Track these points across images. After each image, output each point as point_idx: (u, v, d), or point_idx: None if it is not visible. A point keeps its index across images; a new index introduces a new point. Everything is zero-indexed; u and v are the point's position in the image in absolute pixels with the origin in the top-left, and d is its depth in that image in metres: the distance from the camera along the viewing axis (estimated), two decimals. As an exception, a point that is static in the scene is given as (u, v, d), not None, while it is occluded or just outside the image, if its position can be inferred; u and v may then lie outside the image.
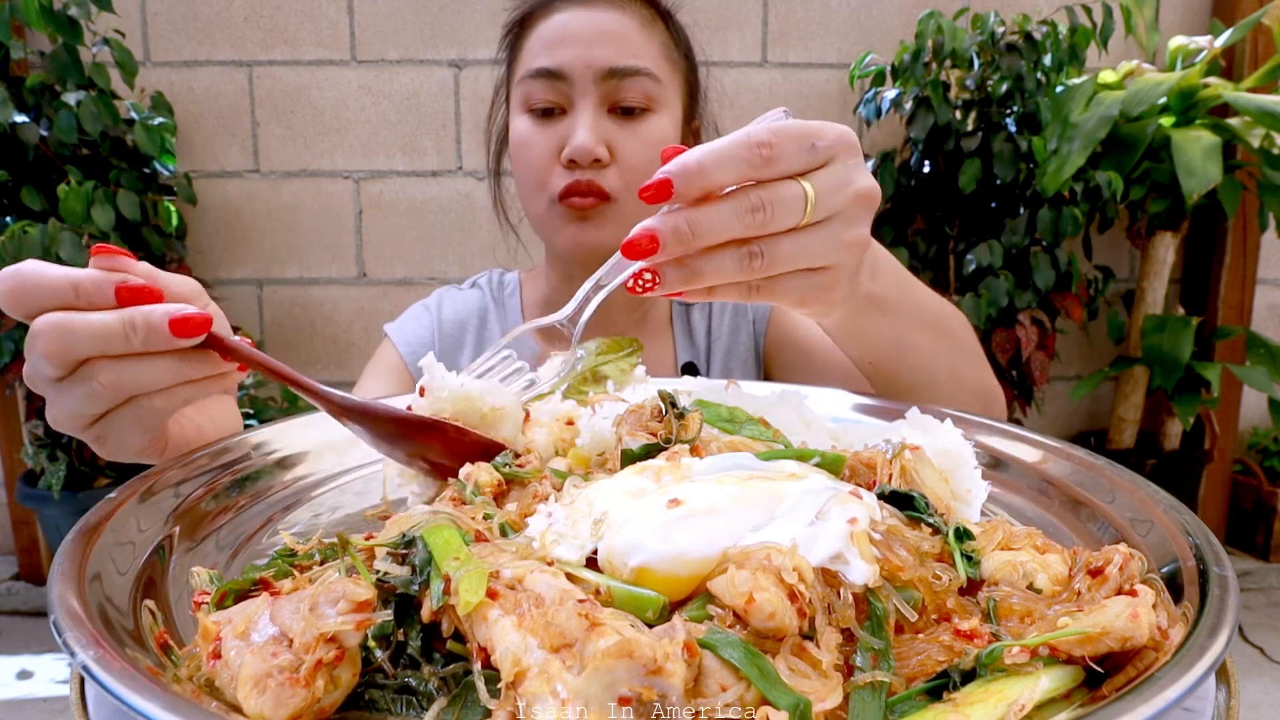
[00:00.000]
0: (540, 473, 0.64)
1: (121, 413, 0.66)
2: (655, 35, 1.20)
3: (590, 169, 1.15)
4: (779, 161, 0.62)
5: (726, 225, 0.61)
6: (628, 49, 1.16)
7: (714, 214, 0.61)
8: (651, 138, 1.18)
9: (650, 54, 1.18)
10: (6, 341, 2.87)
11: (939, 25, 2.96)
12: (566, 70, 1.14)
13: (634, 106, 1.17)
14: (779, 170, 0.62)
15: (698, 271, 0.63)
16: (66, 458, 3.04)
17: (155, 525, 0.58)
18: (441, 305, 1.39)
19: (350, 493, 0.75)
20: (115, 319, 0.61)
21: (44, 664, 2.97)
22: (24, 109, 2.81)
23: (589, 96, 1.15)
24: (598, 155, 1.13)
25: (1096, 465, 0.68)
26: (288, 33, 3.28)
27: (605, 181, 1.15)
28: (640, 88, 1.16)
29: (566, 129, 1.16)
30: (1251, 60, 3.35)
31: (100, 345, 0.61)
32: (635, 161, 1.16)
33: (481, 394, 0.72)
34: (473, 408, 0.71)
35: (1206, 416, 3.53)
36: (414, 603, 0.44)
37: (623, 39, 1.16)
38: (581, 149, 1.13)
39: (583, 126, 1.14)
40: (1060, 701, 0.42)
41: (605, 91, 1.15)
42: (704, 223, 0.61)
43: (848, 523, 0.47)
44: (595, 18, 1.16)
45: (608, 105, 1.16)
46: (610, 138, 1.16)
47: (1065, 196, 3.07)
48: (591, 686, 0.36)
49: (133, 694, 0.36)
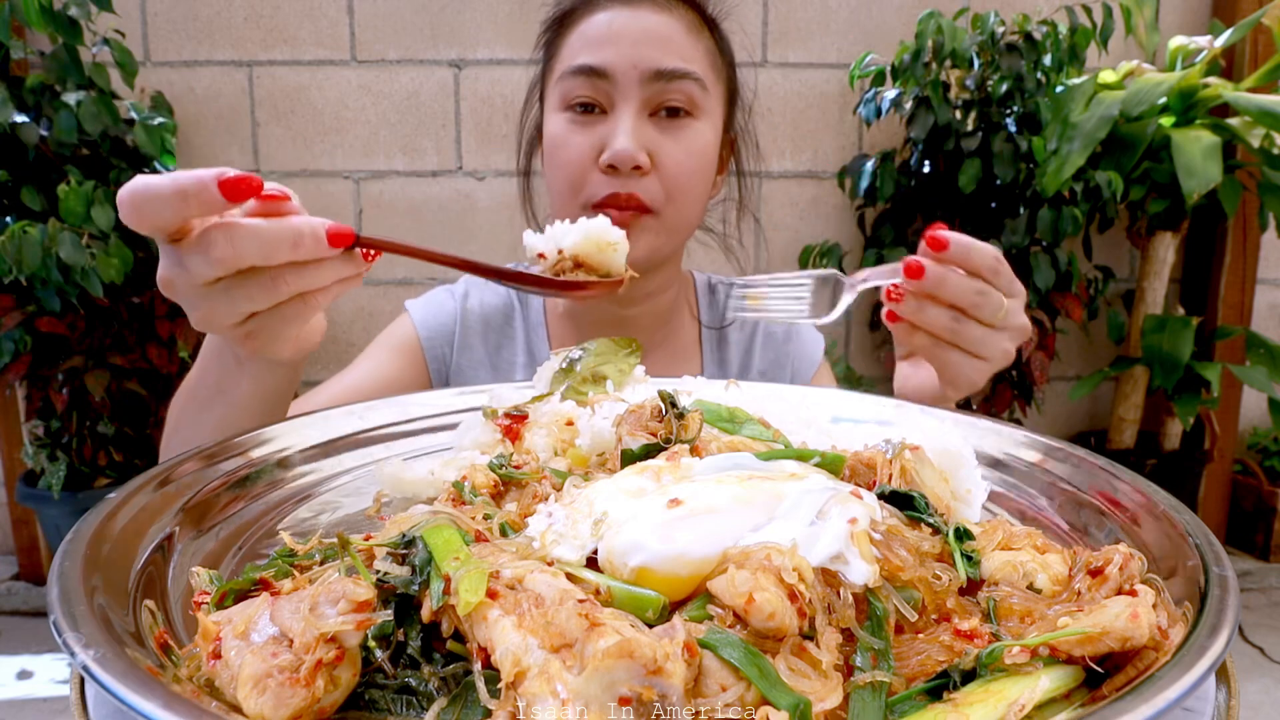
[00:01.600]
0: (539, 474, 0.64)
1: (282, 310, 0.74)
2: (701, 41, 1.17)
3: (630, 176, 1.11)
4: (1000, 278, 0.88)
5: (963, 293, 0.87)
6: (674, 51, 1.12)
7: (960, 280, 0.87)
8: (693, 145, 1.15)
9: (697, 59, 1.15)
10: (6, 341, 2.87)
11: (939, 25, 2.96)
12: (611, 69, 1.10)
13: (678, 108, 1.13)
14: (998, 283, 0.88)
15: (923, 309, 0.89)
16: (66, 458, 3.04)
17: (155, 525, 0.58)
18: (468, 295, 1.35)
19: (350, 493, 0.74)
20: (284, 229, 0.69)
21: (44, 664, 2.97)
22: (24, 109, 2.81)
23: (631, 99, 1.11)
24: (639, 162, 1.10)
25: (1096, 465, 0.68)
26: (288, 33, 3.28)
27: (645, 192, 1.12)
28: (686, 91, 1.13)
29: (606, 131, 1.12)
30: (1251, 60, 3.35)
31: (268, 252, 0.69)
32: (675, 169, 1.13)
33: (594, 230, 0.85)
34: (591, 242, 0.84)
35: (1206, 416, 3.53)
36: (414, 603, 0.44)
37: (670, 41, 1.12)
38: (623, 154, 1.09)
39: (624, 131, 1.10)
40: (1060, 701, 0.42)
41: (649, 94, 1.12)
42: (953, 281, 0.87)
43: (848, 523, 0.47)
44: (642, 18, 1.12)
45: (650, 109, 1.13)
46: (651, 144, 1.12)
47: (1065, 196, 3.07)
48: (591, 686, 0.36)
49: (133, 694, 0.36)
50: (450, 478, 0.67)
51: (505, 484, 0.63)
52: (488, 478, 0.63)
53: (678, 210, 1.16)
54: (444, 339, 1.30)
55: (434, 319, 1.31)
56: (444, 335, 1.30)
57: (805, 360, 1.39)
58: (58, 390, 2.96)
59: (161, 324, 3.03)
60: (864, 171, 3.27)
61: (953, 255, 0.87)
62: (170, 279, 0.72)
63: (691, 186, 1.16)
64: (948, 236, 0.86)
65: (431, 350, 1.29)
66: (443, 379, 1.30)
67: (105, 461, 3.12)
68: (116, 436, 3.08)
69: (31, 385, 3.00)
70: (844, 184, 3.36)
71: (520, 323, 1.34)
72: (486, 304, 1.35)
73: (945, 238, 0.86)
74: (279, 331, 0.77)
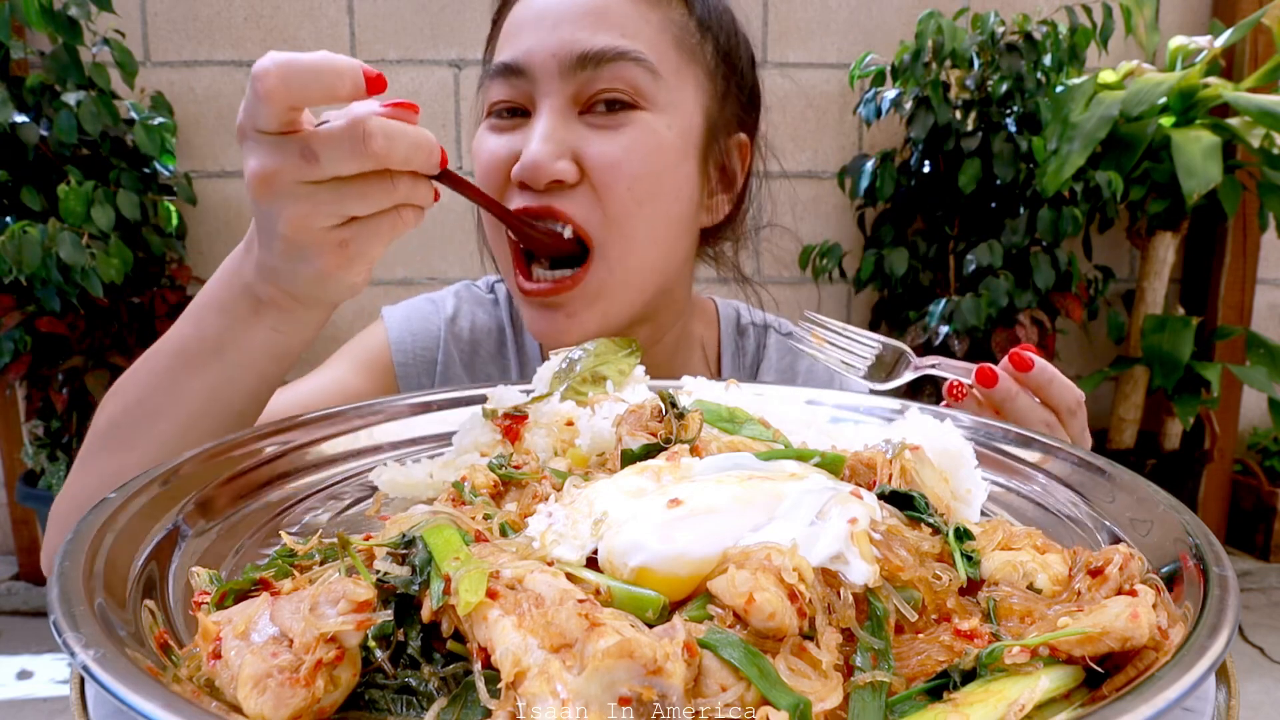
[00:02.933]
0: (539, 474, 0.64)
1: (378, 221, 0.72)
2: (659, 11, 0.93)
3: (549, 193, 0.89)
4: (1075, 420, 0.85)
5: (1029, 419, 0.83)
6: (607, 27, 0.89)
7: (1031, 406, 0.83)
8: (638, 144, 0.89)
9: (645, 34, 0.90)
10: (6, 341, 2.87)
11: (939, 25, 2.96)
12: (525, 62, 0.90)
13: (615, 99, 0.89)
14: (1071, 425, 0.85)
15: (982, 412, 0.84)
16: (66, 458, 3.04)
17: (155, 525, 0.58)
18: (458, 313, 1.15)
19: (350, 493, 0.74)
20: (429, 139, 0.71)
21: (44, 664, 2.97)
22: (24, 109, 2.81)
23: (551, 94, 0.89)
24: (555, 173, 0.87)
25: (1096, 465, 0.68)
26: (288, 33, 3.28)
27: (576, 213, 0.89)
28: (624, 76, 0.88)
29: (522, 140, 0.91)
30: (1251, 60, 3.35)
31: (410, 156, 0.69)
32: (612, 177, 0.88)
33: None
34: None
35: (1206, 416, 3.53)
36: (414, 603, 0.44)
37: (602, 15, 0.89)
38: (532, 163, 0.87)
39: (537, 134, 0.88)
40: (1060, 701, 0.42)
41: (575, 86, 0.89)
42: (1023, 404, 0.83)
43: (848, 523, 0.47)
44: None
45: (580, 105, 0.90)
46: (578, 146, 0.89)
47: (1065, 196, 3.07)
48: (591, 687, 0.36)
49: (133, 694, 0.36)
50: (450, 479, 0.67)
51: (505, 484, 0.63)
52: (487, 478, 0.63)
53: (626, 244, 0.91)
54: (422, 364, 1.10)
55: (412, 340, 1.11)
56: (423, 360, 1.11)
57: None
58: (58, 390, 2.96)
59: (161, 324, 3.03)
60: (864, 171, 3.27)
61: (1033, 380, 0.83)
62: (273, 172, 0.68)
63: (640, 201, 0.90)
64: (1034, 360, 0.82)
65: (405, 372, 1.10)
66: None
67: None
68: (116, 436, 3.08)
69: (31, 385, 3.00)
70: (844, 184, 3.36)
71: (512, 344, 1.15)
72: (478, 326, 1.15)
73: (1032, 360, 0.82)
74: (367, 247, 0.73)
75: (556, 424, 0.74)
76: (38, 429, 3.10)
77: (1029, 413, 0.83)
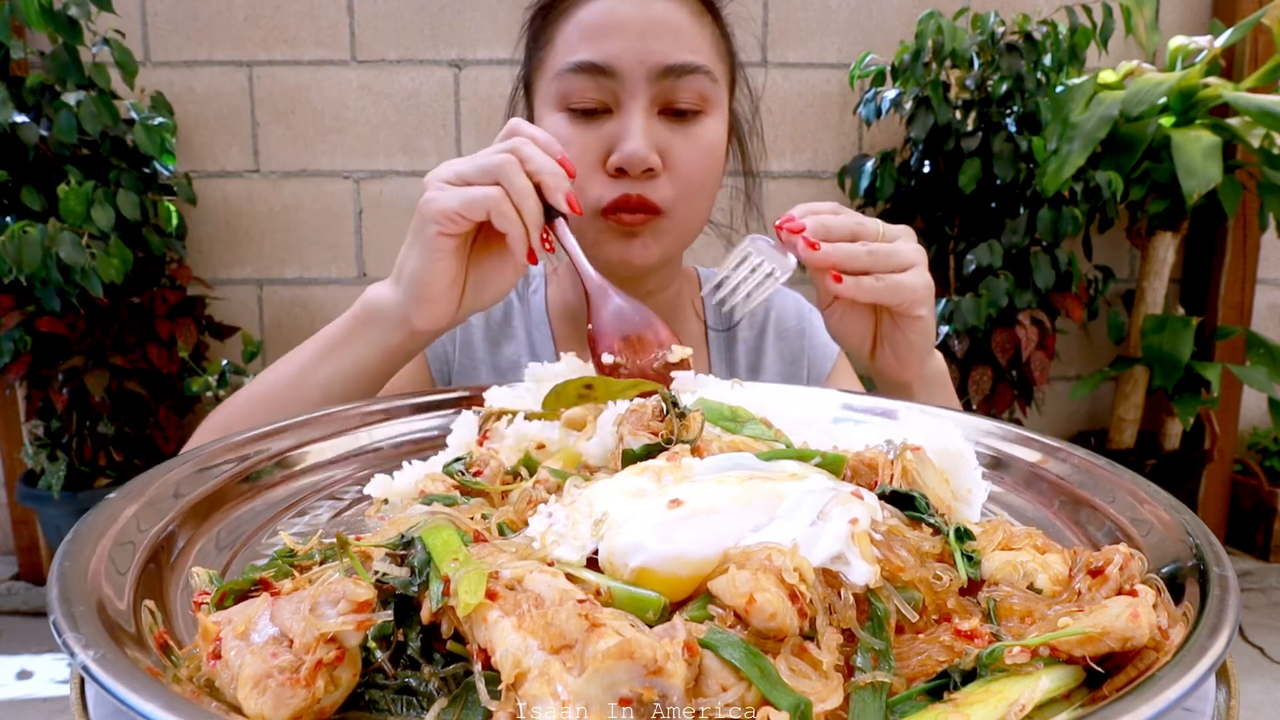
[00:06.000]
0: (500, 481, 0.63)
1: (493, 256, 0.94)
2: (706, 28, 1.10)
3: (641, 179, 1.06)
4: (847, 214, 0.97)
5: (843, 223, 0.94)
6: (683, 43, 1.05)
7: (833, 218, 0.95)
8: (705, 143, 1.09)
9: (705, 49, 1.08)
10: (6, 341, 2.87)
11: (939, 25, 2.96)
12: (616, 65, 1.03)
13: (687, 109, 1.07)
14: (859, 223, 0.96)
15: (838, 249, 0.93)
16: (66, 458, 3.04)
17: (155, 525, 0.58)
18: None
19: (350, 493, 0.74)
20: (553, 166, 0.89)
21: (44, 664, 2.97)
22: (24, 109, 2.81)
23: (640, 97, 1.04)
24: (651, 164, 1.04)
25: (1096, 465, 0.68)
26: (288, 33, 3.28)
27: (656, 194, 1.07)
28: (696, 87, 1.06)
29: (612, 131, 1.05)
30: (1251, 60, 3.35)
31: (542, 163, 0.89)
32: (688, 170, 1.08)
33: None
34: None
35: (1206, 416, 3.53)
36: (414, 603, 0.44)
37: (678, 31, 1.05)
38: (634, 157, 1.03)
39: (635, 132, 1.04)
40: (1060, 701, 0.42)
41: (658, 91, 1.05)
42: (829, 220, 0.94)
43: (849, 523, 0.47)
44: (645, 6, 1.04)
45: (659, 106, 1.06)
46: (663, 143, 1.06)
47: (1065, 196, 3.07)
48: (592, 687, 0.36)
49: (133, 694, 0.36)
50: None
51: (463, 490, 0.62)
52: (446, 485, 0.62)
53: (689, 211, 1.13)
54: (446, 337, 1.27)
55: None
56: (447, 333, 1.28)
57: (821, 354, 1.34)
58: (58, 390, 2.96)
59: (161, 324, 3.04)
60: (864, 171, 3.27)
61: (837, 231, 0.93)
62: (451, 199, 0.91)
63: (704, 185, 1.13)
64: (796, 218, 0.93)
65: (434, 349, 1.26)
66: (445, 378, 1.27)
67: (105, 461, 3.12)
68: (116, 436, 3.08)
69: (31, 385, 3.00)
70: (844, 184, 3.36)
71: (521, 320, 1.31)
72: None
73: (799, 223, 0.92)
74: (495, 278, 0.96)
75: (522, 446, 0.73)
76: (38, 429, 3.10)
77: (837, 221, 0.93)
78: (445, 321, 0.94)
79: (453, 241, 0.90)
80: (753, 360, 1.33)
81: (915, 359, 0.98)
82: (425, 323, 0.93)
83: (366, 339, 0.96)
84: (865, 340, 1.00)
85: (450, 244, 0.90)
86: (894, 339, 0.98)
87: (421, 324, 0.93)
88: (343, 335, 0.97)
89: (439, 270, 0.90)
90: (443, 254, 0.90)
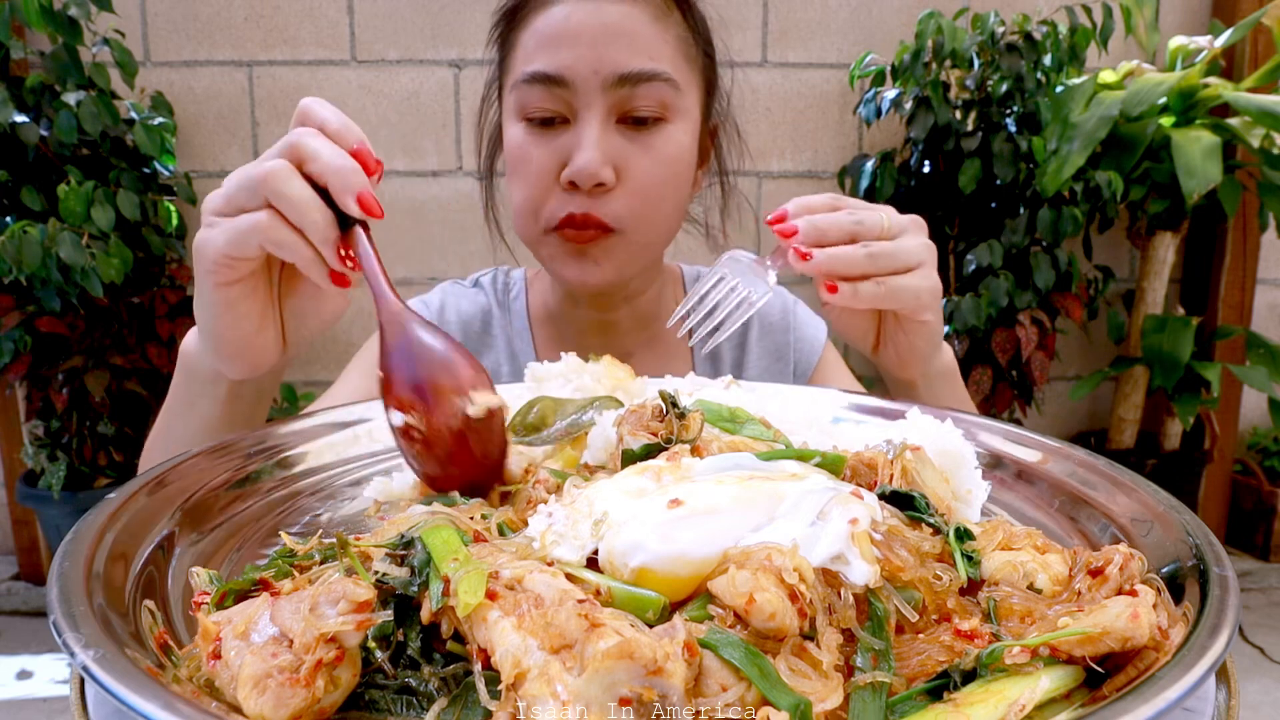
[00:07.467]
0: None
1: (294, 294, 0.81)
2: (671, 29, 1.05)
3: (593, 194, 1.02)
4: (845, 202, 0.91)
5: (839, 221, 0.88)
6: (641, 49, 1.00)
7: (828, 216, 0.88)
8: (666, 153, 1.04)
9: (666, 53, 1.03)
10: (6, 341, 2.88)
11: (939, 25, 2.95)
12: (569, 76, 1.00)
13: (647, 117, 1.03)
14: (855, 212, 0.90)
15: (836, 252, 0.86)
16: (66, 458, 3.04)
17: (155, 525, 0.58)
18: (445, 306, 1.29)
19: (350, 493, 0.74)
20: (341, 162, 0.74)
21: (44, 664, 2.97)
22: (24, 109, 2.81)
23: (595, 107, 1.01)
24: (602, 179, 1.00)
25: (1096, 465, 0.68)
26: (288, 33, 3.28)
27: (606, 210, 1.02)
28: (655, 95, 1.02)
29: (568, 142, 1.02)
30: (1251, 60, 3.35)
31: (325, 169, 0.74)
32: (645, 181, 1.03)
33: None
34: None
35: (1206, 416, 3.53)
36: (413, 603, 0.44)
37: (634, 37, 1.00)
38: (584, 172, 0.99)
39: (588, 145, 1.00)
40: (1060, 701, 0.42)
41: (614, 100, 1.01)
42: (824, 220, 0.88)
43: (849, 523, 0.47)
44: (601, 11, 1.00)
45: (616, 115, 1.02)
46: (619, 155, 1.02)
47: (1065, 196, 3.07)
48: (592, 688, 0.36)
49: (133, 694, 0.36)
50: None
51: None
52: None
53: (647, 226, 1.07)
54: None
55: None
56: None
57: (807, 347, 1.31)
58: (58, 390, 2.96)
59: (161, 324, 3.03)
60: (864, 171, 3.27)
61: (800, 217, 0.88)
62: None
63: (664, 197, 1.07)
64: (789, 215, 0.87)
65: None
66: None
67: (105, 461, 3.12)
68: (116, 436, 3.08)
69: (31, 385, 3.00)
70: (844, 184, 3.36)
71: (500, 329, 1.28)
72: (464, 313, 1.28)
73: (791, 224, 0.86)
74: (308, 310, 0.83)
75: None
76: (38, 429, 3.10)
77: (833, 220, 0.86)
78: (267, 368, 0.82)
79: (237, 289, 0.76)
80: (737, 356, 1.30)
81: (918, 359, 0.96)
82: (243, 374, 0.81)
83: (204, 395, 0.85)
84: (868, 339, 0.98)
85: (236, 292, 0.76)
86: (896, 340, 0.95)
87: (240, 376, 0.82)
88: (181, 394, 0.87)
89: (231, 322, 0.77)
90: (230, 305, 0.76)
